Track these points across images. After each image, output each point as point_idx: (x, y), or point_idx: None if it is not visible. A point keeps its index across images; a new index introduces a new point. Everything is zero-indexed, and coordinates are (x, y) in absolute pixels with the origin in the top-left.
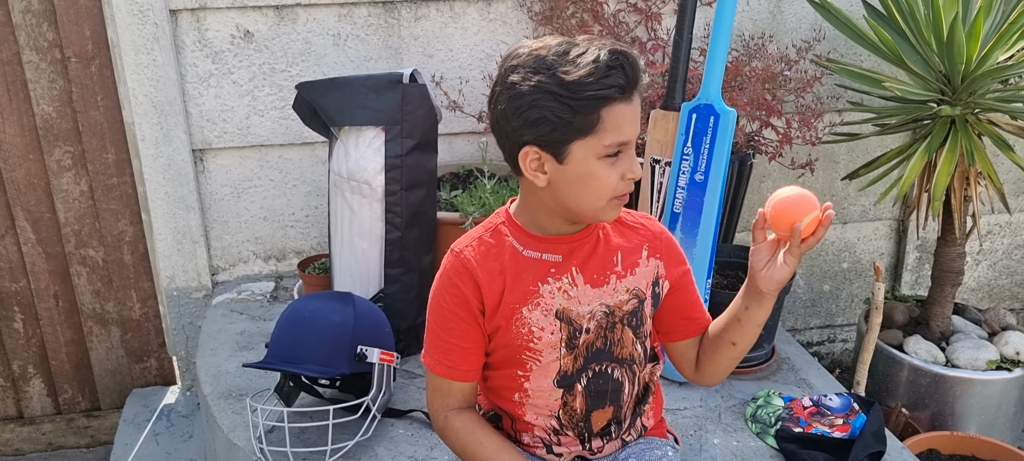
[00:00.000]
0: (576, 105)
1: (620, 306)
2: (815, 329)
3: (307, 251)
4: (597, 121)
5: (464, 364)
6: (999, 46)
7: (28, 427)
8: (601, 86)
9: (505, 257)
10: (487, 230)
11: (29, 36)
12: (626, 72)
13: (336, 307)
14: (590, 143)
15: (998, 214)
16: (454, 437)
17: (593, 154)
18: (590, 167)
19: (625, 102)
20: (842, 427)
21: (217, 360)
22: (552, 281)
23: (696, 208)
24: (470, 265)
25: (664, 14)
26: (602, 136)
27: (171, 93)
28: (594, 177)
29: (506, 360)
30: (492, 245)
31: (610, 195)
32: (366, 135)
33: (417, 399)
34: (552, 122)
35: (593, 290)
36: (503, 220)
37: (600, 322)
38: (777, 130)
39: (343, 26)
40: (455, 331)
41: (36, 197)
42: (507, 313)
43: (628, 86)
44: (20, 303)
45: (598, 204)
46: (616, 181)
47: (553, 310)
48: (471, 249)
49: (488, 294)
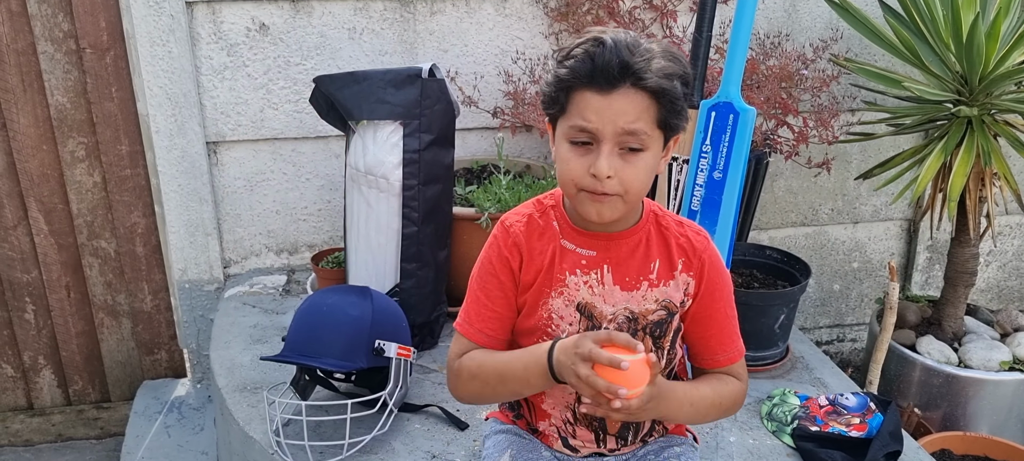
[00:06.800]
0: (552, 81)
1: (646, 315)
2: (825, 328)
3: (320, 245)
4: (565, 103)
5: (501, 333)
6: (1017, 48)
7: (38, 418)
8: (565, 68)
9: (547, 239)
10: (538, 209)
11: (44, 26)
12: (595, 62)
13: (354, 301)
14: (562, 124)
15: (1009, 216)
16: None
17: (563, 135)
18: (560, 148)
19: (596, 92)
20: (859, 426)
21: (231, 353)
22: (580, 273)
23: (714, 206)
24: (519, 239)
25: (679, 12)
26: (568, 117)
27: (186, 85)
28: (561, 159)
29: (527, 343)
30: (539, 225)
31: (576, 185)
32: (384, 129)
33: (433, 394)
34: (544, 96)
35: (621, 292)
36: (553, 203)
37: (621, 326)
38: (793, 129)
39: (359, 20)
40: (500, 298)
41: (49, 188)
42: (535, 295)
43: (596, 76)
44: (32, 294)
45: (569, 191)
46: (582, 173)
47: (575, 302)
48: (520, 224)
49: (527, 270)
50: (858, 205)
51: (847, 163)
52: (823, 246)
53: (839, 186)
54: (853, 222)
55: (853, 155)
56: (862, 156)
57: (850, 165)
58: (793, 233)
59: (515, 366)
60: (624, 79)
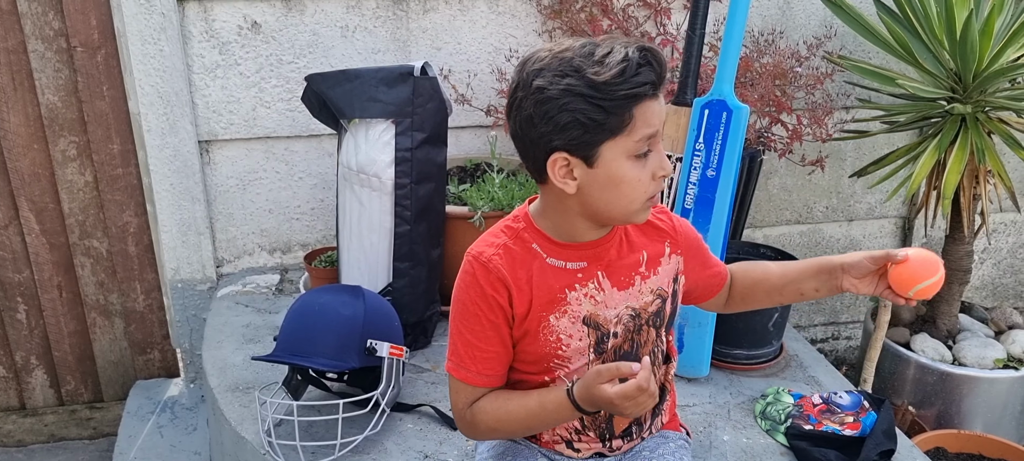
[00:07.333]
0: (610, 106)
1: (645, 308)
2: (819, 326)
3: (313, 244)
4: (629, 120)
5: (501, 369)
6: (1011, 45)
7: (30, 418)
8: (633, 84)
9: (532, 265)
10: (511, 236)
11: (35, 25)
12: (655, 68)
13: (346, 300)
14: (620, 143)
15: (1004, 213)
16: (484, 416)
17: (623, 154)
18: (621, 169)
19: (654, 99)
20: (853, 425)
21: (223, 353)
22: (578, 288)
23: (707, 204)
24: (502, 274)
25: (673, 9)
26: (633, 134)
27: (177, 84)
28: (625, 180)
29: (533, 366)
30: (518, 253)
31: (644, 197)
32: (376, 128)
33: (425, 394)
34: (583, 124)
35: (619, 293)
36: (524, 225)
37: (627, 325)
38: (787, 127)
39: (351, 18)
40: (494, 339)
41: (40, 187)
42: (535, 321)
43: (658, 82)
44: (23, 294)
45: (632, 208)
46: (647, 182)
47: (581, 317)
48: (499, 257)
49: (518, 303)
50: (853, 203)
51: (842, 161)
52: (818, 244)
53: (834, 184)
54: (848, 220)
55: (847, 153)
56: (857, 154)
57: (845, 163)
58: (788, 231)
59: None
60: (664, 78)
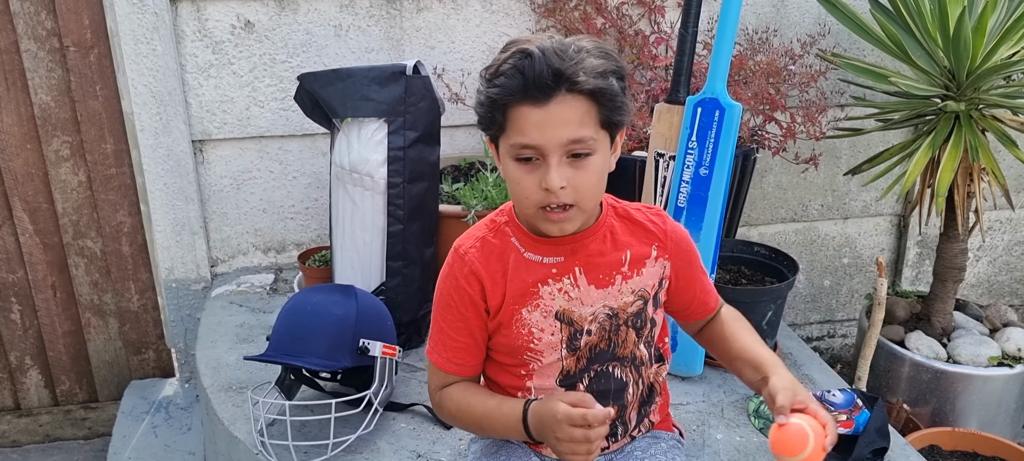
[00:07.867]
0: (485, 101)
1: (625, 308)
2: (815, 324)
3: (307, 243)
4: (503, 121)
5: (471, 360)
6: (1004, 42)
7: (25, 419)
8: (496, 86)
9: (508, 258)
10: (491, 229)
11: (27, 25)
12: (525, 75)
13: (338, 300)
14: (504, 143)
15: (999, 211)
16: (449, 403)
17: (507, 154)
18: (507, 168)
19: (533, 105)
20: (846, 423)
21: (217, 352)
22: (552, 283)
23: (700, 202)
24: (475, 266)
25: (667, 7)
26: (509, 136)
27: (171, 83)
28: (510, 179)
29: (509, 358)
30: (495, 245)
31: (534, 204)
32: (369, 127)
33: (419, 393)
34: (479, 116)
35: (597, 291)
36: (507, 219)
37: (603, 324)
38: (781, 125)
39: (345, 17)
40: (463, 330)
41: (34, 187)
42: (508, 314)
43: (529, 90)
44: (17, 294)
45: (528, 210)
46: (535, 189)
47: (553, 311)
48: (475, 250)
49: (492, 296)
50: (848, 201)
51: (836, 159)
52: (813, 242)
53: (829, 182)
54: (843, 218)
55: (842, 150)
56: (851, 151)
57: (839, 160)
58: (783, 229)
59: (495, 422)
60: (559, 87)
